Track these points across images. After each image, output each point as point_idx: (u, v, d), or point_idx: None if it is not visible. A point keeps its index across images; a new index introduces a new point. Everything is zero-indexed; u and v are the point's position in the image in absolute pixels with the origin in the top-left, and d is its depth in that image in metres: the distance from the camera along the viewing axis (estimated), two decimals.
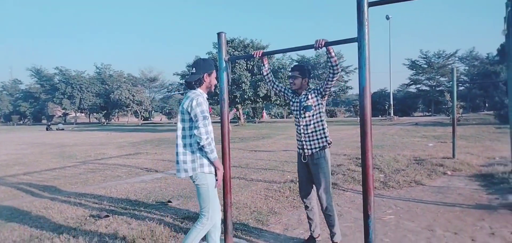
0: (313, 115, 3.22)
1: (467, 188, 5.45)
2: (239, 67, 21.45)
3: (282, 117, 51.60)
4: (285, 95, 3.47)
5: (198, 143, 2.59)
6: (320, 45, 2.85)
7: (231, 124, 27.15)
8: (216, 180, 2.73)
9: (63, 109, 54.78)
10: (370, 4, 2.55)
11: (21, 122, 58.67)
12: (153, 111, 66.56)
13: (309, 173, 3.32)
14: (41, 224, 4.17)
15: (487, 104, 39.08)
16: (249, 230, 3.84)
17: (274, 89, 3.55)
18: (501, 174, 5.96)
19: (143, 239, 3.54)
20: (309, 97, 3.24)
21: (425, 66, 48.94)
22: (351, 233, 3.72)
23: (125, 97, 47.13)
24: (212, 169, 2.69)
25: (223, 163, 3.47)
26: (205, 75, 2.75)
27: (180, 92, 28.88)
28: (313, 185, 3.35)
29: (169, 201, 5.02)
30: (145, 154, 11.32)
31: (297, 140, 3.37)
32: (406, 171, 6.77)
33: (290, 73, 3.33)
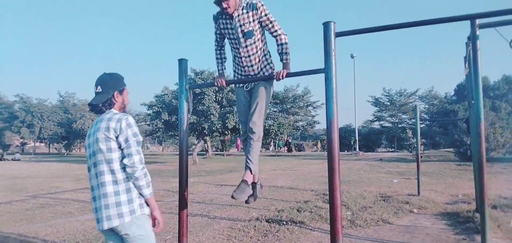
0: (254, 42, 2.87)
1: (434, 227, 5.37)
2: (208, 99, 21.23)
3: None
4: (219, 36, 3.11)
5: (132, 173, 2.05)
6: (281, 76, 2.70)
7: (199, 156, 26.57)
8: (157, 223, 2.24)
9: (21, 138, 51.96)
10: (337, 35, 2.44)
11: None
12: None
13: (250, 101, 3.08)
14: None
15: (443, 142, 40.82)
16: None
17: (217, 48, 3.20)
18: (466, 212, 5.95)
19: None
20: (250, 18, 2.82)
21: (388, 103, 50.86)
22: None
23: (88, 126, 45.38)
24: (148, 210, 2.17)
25: (180, 199, 3.17)
26: (115, 93, 2.23)
27: (146, 123, 28.10)
28: None
29: None
30: None
31: (235, 71, 3.08)
32: (373, 208, 6.66)
33: (216, 1, 2.80)
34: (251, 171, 2.97)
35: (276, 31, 2.85)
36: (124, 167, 2.08)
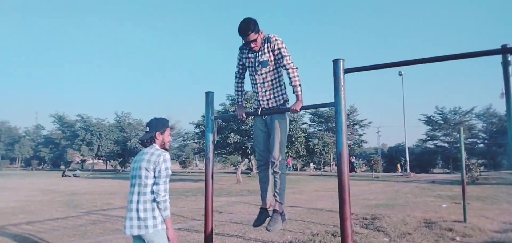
0: (269, 71, 3.14)
1: None
2: (251, 118, 21.66)
3: (296, 169, 51.05)
4: (241, 67, 3.39)
5: (154, 199, 2.65)
6: (295, 110, 2.89)
7: (243, 175, 26.96)
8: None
9: (81, 156, 55.91)
10: (346, 71, 2.57)
11: (40, 167, 59.89)
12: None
13: (268, 133, 3.29)
14: None
15: (506, 163, 37.81)
16: None
17: (238, 79, 3.49)
18: None
19: None
20: (265, 50, 3.11)
21: (442, 122, 48.27)
22: None
23: None
24: (164, 226, 2.73)
25: (206, 222, 3.40)
26: (157, 133, 2.86)
27: (195, 141, 29.15)
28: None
29: None
30: None
31: (255, 100, 3.34)
32: (413, 235, 6.45)
33: (245, 39, 3.10)
34: (280, 202, 3.29)
35: (284, 65, 3.05)
36: (153, 191, 2.67)
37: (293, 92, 3.05)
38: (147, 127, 2.90)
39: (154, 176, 2.67)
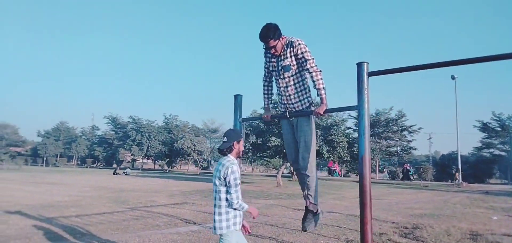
0: (292, 75, 3.20)
1: None
2: None
3: (338, 175, 49.95)
4: (267, 71, 3.46)
5: (231, 205, 3.06)
6: (319, 113, 2.88)
7: (284, 179, 26.89)
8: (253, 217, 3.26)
9: (132, 155, 58.71)
10: (370, 74, 2.54)
11: (94, 165, 63.68)
12: (212, 161, 68.46)
13: (293, 133, 3.38)
14: None
15: None
16: None
17: (264, 82, 3.56)
18: None
19: None
20: (288, 55, 3.18)
21: (499, 129, 44.88)
22: None
23: (187, 146, 49.23)
24: (240, 226, 3.15)
25: None
26: (234, 143, 3.18)
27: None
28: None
29: None
30: (190, 204, 11.59)
31: (280, 103, 3.42)
32: None
33: (264, 44, 3.18)
34: (314, 203, 3.40)
35: (308, 69, 3.06)
36: (227, 198, 3.07)
37: (318, 95, 3.06)
38: (225, 137, 3.18)
39: (226, 185, 3.05)
